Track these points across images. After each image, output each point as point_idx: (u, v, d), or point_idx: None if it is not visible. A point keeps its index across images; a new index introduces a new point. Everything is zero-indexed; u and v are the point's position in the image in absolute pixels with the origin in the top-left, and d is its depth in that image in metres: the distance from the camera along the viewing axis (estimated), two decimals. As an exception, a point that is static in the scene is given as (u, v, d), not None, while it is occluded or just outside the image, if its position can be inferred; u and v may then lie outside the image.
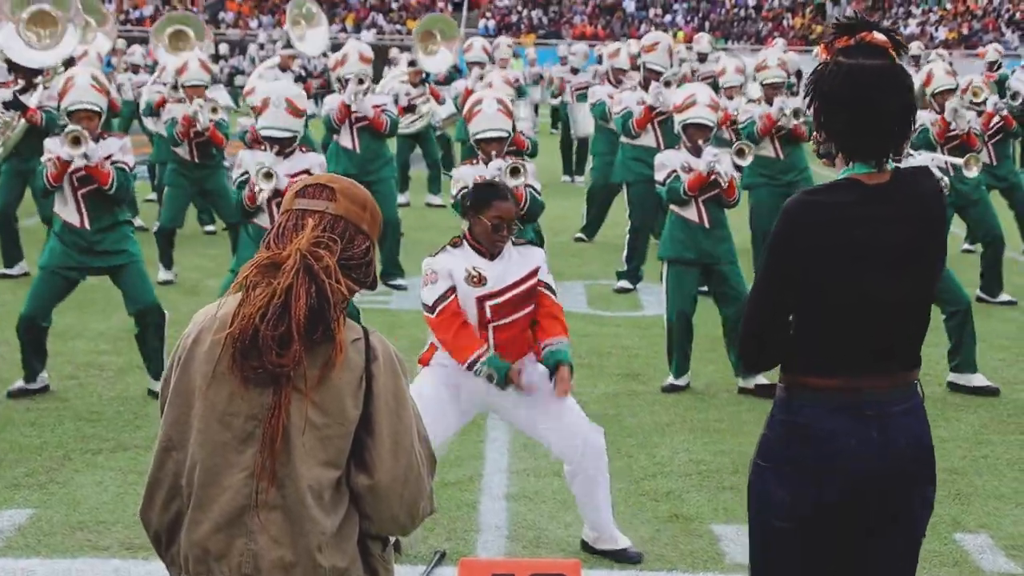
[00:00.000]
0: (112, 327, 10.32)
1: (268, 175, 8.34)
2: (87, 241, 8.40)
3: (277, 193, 8.39)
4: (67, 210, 8.43)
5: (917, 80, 12.33)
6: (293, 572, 3.06)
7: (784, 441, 3.74)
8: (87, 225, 8.39)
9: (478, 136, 8.52)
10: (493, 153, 8.46)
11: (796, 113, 11.76)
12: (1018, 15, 48.43)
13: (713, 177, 8.71)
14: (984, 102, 12.24)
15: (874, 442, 3.66)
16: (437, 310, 5.99)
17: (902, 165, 3.72)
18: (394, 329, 10.12)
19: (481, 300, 5.99)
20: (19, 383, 8.56)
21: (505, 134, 8.55)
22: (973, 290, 11.04)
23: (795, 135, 11.90)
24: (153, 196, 16.61)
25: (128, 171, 8.43)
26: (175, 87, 13.16)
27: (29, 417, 8.11)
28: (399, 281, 12.27)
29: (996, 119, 12.47)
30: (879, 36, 3.61)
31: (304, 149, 8.88)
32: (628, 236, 12.55)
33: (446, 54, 16.04)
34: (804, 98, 3.71)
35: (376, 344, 3.15)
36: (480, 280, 5.95)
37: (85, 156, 8.19)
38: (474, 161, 8.66)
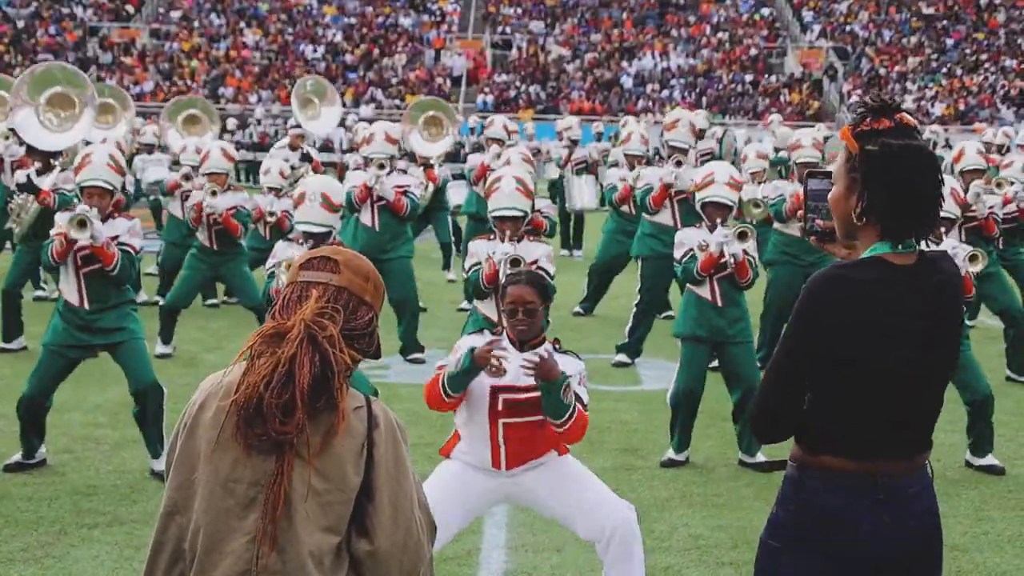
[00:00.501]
0: (109, 400, 10.31)
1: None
2: (85, 320, 8.38)
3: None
4: (68, 288, 8.43)
5: (949, 156, 12.43)
6: None
7: (796, 521, 3.72)
8: (85, 305, 8.37)
9: (495, 214, 8.56)
10: (507, 232, 8.49)
11: None
12: (1013, 91, 48.78)
13: (724, 259, 8.76)
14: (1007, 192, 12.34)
15: (887, 526, 3.65)
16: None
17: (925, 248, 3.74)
18: (391, 402, 10.11)
19: (496, 391, 5.81)
20: (16, 457, 8.53)
21: (521, 213, 8.58)
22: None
23: None
24: (154, 270, 16.65)
25: (134, 254, 8.41)
26: (189, 173, 13.45)
27: (25, 492, 8.09)
28: (418, 355, 12.36)
29: (1012, 206, 12.51)
30: (909, 118, 3.65)
31: (336, 242, 8.98)
32: (635, 309, 12.57)
33: (449, 139, 16.18)
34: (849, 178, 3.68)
35: (378, 412, 3.22)
36: (499, 371, 5.70)
37: (91, 236, 8.19)
38: (490, 237, 8.69)
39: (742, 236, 8.82)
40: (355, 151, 13.44)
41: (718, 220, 8.99)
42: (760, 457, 8.92)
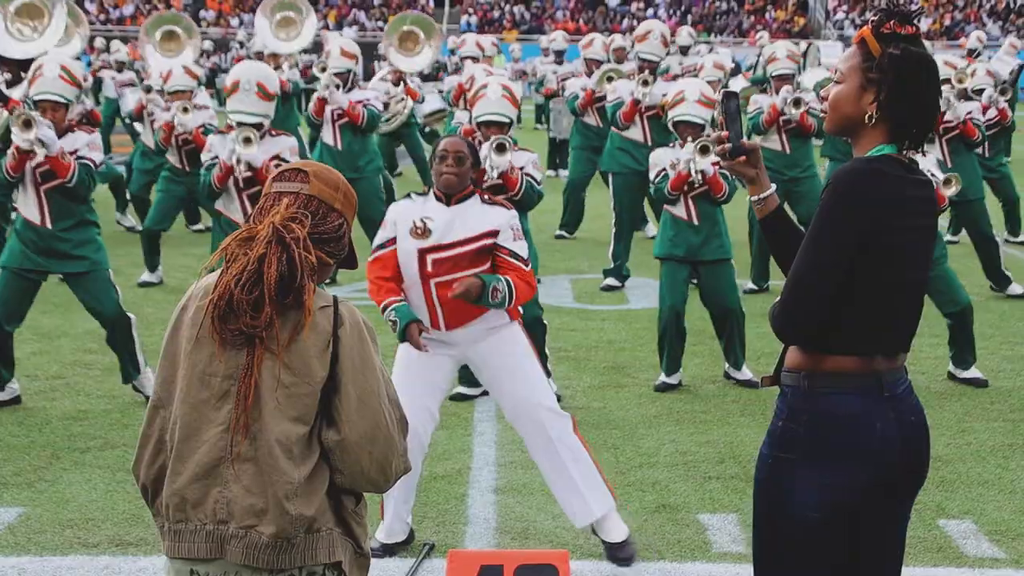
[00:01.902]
0: (98, 326, 10.31)
1: (248, 140, 8.35)
2: (46, 241, 8.12)
3: (248, 183, 8.47)
4: (27, 206, 8.15)
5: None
6: (263, 518, 3.28)
7: (811, 429, 3.73)
8: (48, 224, 8.10)
9: (480, 119, 8.39)
10: (493, 137, 8.29)
11: (797, 103, 11.79)
12: (999, 5, 48.55)
13: (692, 177, 8.72)
14: (976, 91, 12.37)
15: (894, 424, 3.71)
16: (373, 256, 6.04)
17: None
18: (371, 315, 10.14)
19: (423, 253, 5.93)
20: None
21: (507, 120, 8.44)
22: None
23: (803, 128, 11.90)
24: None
25: (93, 167, 8.12)
26: (159, 91, 13.24)
27: (16, 417, 8.14)
28: None
29: (992, 111, 12.55)
30: (920, 26, 3.76)
31: (275, 132, 8.85)
32: (614, 228, 12.54)
33: (428, 53, 15.98)
34: (870, 76, 3.70)
35: (343, 312, 3.39)
36: (424, 232, 5.90)
37: (42, 144, 7.89)
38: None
39: (703, 151, 8.68)
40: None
41: (689, 138, 8.91)
42: (747, 372, 8.98)
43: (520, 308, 6.24)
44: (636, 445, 7.74)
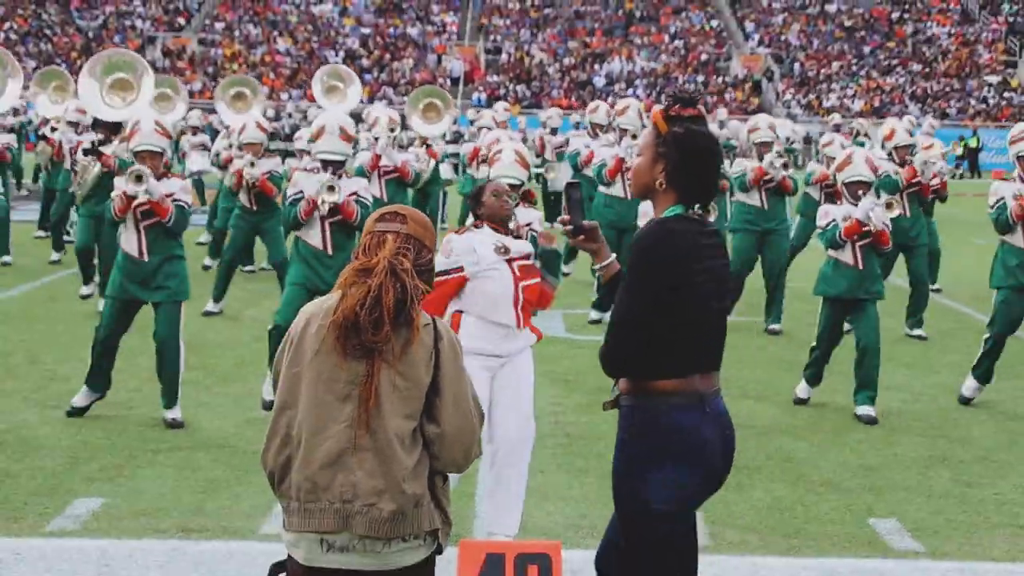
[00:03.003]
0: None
1: (332, 188, 8.36)
2: (143, 272, 8.08)
3: (331, 213, 8.44)
4: (129, 241, 8.12)
5: (880, 134, 12.73)
6: (383, 497, 3.42)
7: (652, 441, 3.77)
8: (145, 256, 8.08)
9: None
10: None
11: (786, 166, 11.86)
12: (919, 91, 48.75)
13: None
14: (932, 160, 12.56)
15: (717, 434, 3.82)
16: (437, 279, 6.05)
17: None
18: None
19: (510, 262, 6.12)
20: (80, 400, 8.29)
21: (519, 182, 8.34)
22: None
23: (783, 189, 11.92)
24: (204, 238, 16.64)
25: (186, 208, 8.13)
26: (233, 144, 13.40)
27: (100, 423, 8.12)
28: None
29: (936, 180, 12.63)
30: (704, 111, 3.89)
31: (348, 175, 8.86)
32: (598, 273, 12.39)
33: (447, 120, 16.05)
34: (659, 153, 3.81)
35: (441, 329, 3.55)
36: (506, 250, 6.11)
37: (147, 192, 7.93)
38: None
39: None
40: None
41: None
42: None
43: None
44: (617, 453, 7.70)
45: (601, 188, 12.58)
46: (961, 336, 12.07)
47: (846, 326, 9.24)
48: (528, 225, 8.26)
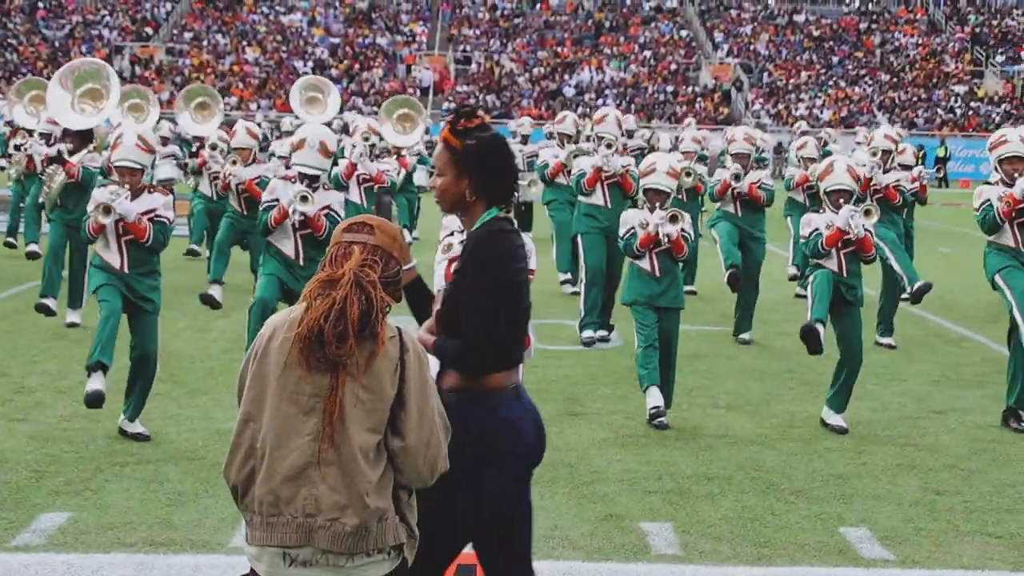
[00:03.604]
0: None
1: (305, 199, 8.43)
2: (124, 284, 7.95)
3: (302, 225, 8.52)
4: (110, 254, 8.01)
5: (862, 140, 12.94)
6: (346, 511, 3.38)
7: (487, 436, 3.93)
8: (125, 269, 7.97)
9: None
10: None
11: (737, 177, 11.88)
12: (886, 101, 49.11)
13: (660, 238, 8.75)
14: (904, 165, 12.76)
15: (533, 422, 4.06)
16: None
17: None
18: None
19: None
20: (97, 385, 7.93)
21: None
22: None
23: (754, 199, 11.93)
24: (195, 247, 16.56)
25: (167, 225, 8.04)
26: (221, 150, 13.44)
27: (66, 436, 8.05)
28: None
29: (915, 184, 12.87)
30: (482, 115, 4.09)
31: (326, 187, 8.89)
32: (584, 284, 12.09)
33: (419, 131, 16.09)
34: (460, 165, 3.98)
35: (407, 341, 3.52)
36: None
37: (119, 216, 7.85)
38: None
39: (673, 219, 8.76)
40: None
41: (657, 204, 8.95)
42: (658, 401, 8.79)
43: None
44: (588, 464, 7.71)
45: (581, 198, 12.54)
46: (929, 345, 12.15)
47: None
48: None
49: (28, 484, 7.04)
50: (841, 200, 8.80)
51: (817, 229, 8.77)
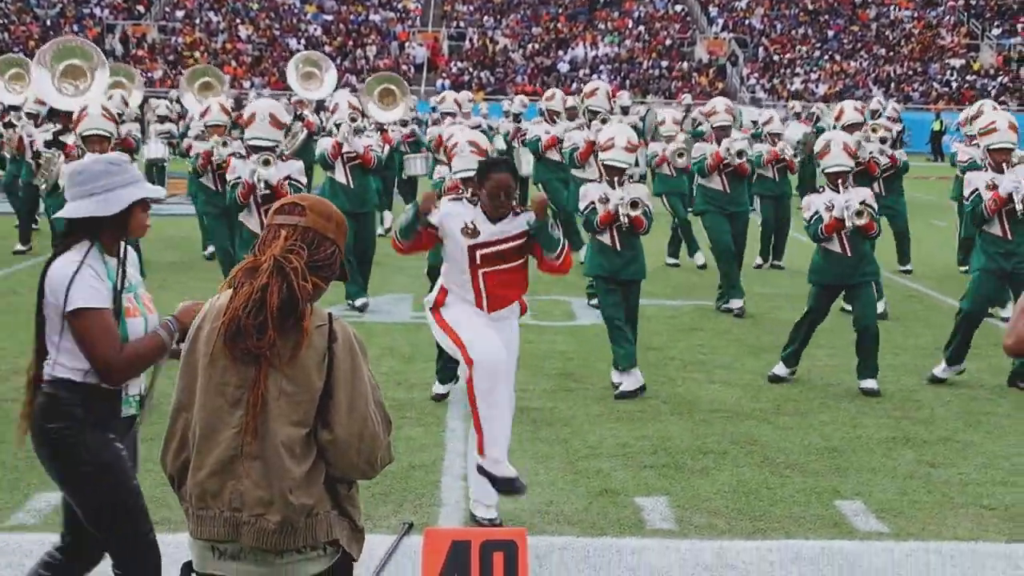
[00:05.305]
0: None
1: (267, 162, 8.53)
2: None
3: (266, 199, 8.64)
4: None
5: (830, 115, 12.87)
6: (271, 508, 3.29)
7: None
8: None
9: (456, 175, 8.07)
10: (471, 190, 8.11)
11: (740, 153, 11.85)
12: (882, 75, 49.01)
13: (620, 214, 8.72)
14: (884, 140, 12.66)
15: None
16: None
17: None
18: (369, 338, 10.10)
19: (472, 249, 6.15)
20: None
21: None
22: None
23: (740, 172, 11.96)
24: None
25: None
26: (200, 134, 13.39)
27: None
28: (363, 300, 11.80)
29: (884, 158, 12.77)
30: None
31: (285, 158, 8.95)
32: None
33: (402, 107, 16.04)
34: None
35: (337, 328, 3.37)
36: (474, 233, 6.13)
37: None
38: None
39: (634, 205, 8.75)
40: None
41: (615, 179, 8.91)
42: (637, 374, 8.87)
43: (526, 302, 6.53)
44: (583, 439, 7.72)
45: (575, 171, 12.54)
46: (925, 318, 12.16)
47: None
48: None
49: (23, 465, 7.02)
50: (839, 180, 8.87)
51: (817, 212, 8.86)
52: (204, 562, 3.39)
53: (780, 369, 9.30)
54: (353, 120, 11.94)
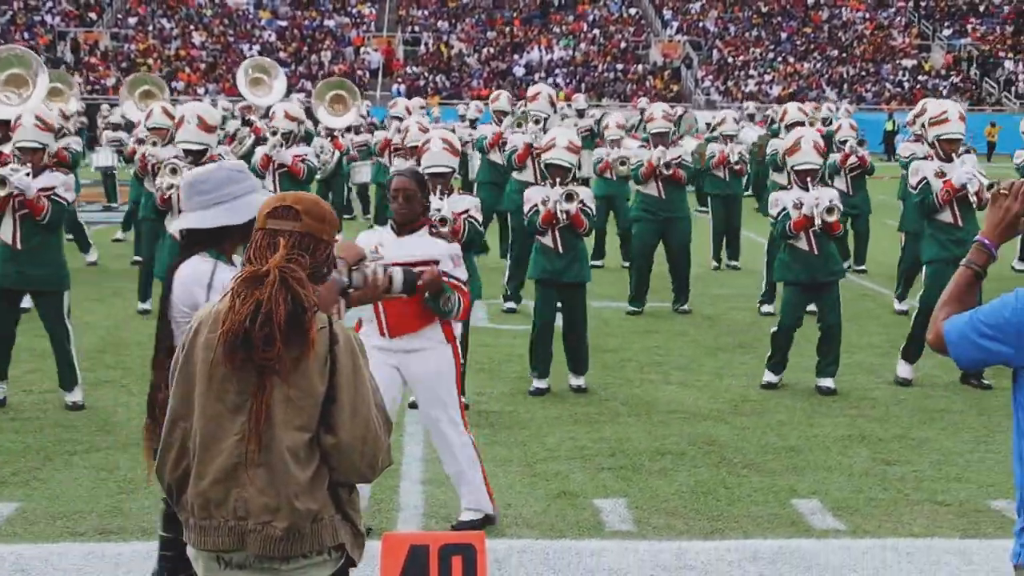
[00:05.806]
0: (86, 346, 10.13)
1: (174, 170, 8.44)
2: (18, 260, 8.09)
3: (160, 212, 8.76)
4: (5, 229, 8.14)
5: (777, 115, 13.13)
6: (277, 515, 3.25)
7: None
8: (18, 244, 8.09)
9: (427, 171, 7.83)
10: (439, 187, 7.93)
11: (667, 165, 11.89)
12: (835, 76, 49.42)
13: (558, 210, 8.70)
14: (841, 141, 12.92)
15: None
16: None
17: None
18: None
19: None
20: None
21: (449, 170, 8.06)
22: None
23: (674, 179, 12.01)
24: (120, 236, 16.38)
25: (65, 205, 8.17)
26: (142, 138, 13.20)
27: (14, 425, 7.97)
28: None
29: (853, 158, 12.99)
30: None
31: (217, 159, 8.86)
32: (508, 261, 12.43)
33: (353, 113, 16.00)
34: None
35: (338, 331, 3.32)
36: (377, 252, 5.77)
37: (16, 189, 7.95)
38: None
39: (568, 197, 8.72)
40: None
41: (558, 179, 8.88)
42: (582, 380, 9.01)
43: (455, 330, 6.17)
44: (541, 442, 7.72)
45: (514, 174, 12.59)
46: (878, 317, 12.26)
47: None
48: (465, 213, 8.13)
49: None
50: (808, 178, 8.92)
51: (785, 209, 8.89)
52: (210, 573, 3.34)
53: (770, 376, 9.24)
54: (274, 133, 11.93)
